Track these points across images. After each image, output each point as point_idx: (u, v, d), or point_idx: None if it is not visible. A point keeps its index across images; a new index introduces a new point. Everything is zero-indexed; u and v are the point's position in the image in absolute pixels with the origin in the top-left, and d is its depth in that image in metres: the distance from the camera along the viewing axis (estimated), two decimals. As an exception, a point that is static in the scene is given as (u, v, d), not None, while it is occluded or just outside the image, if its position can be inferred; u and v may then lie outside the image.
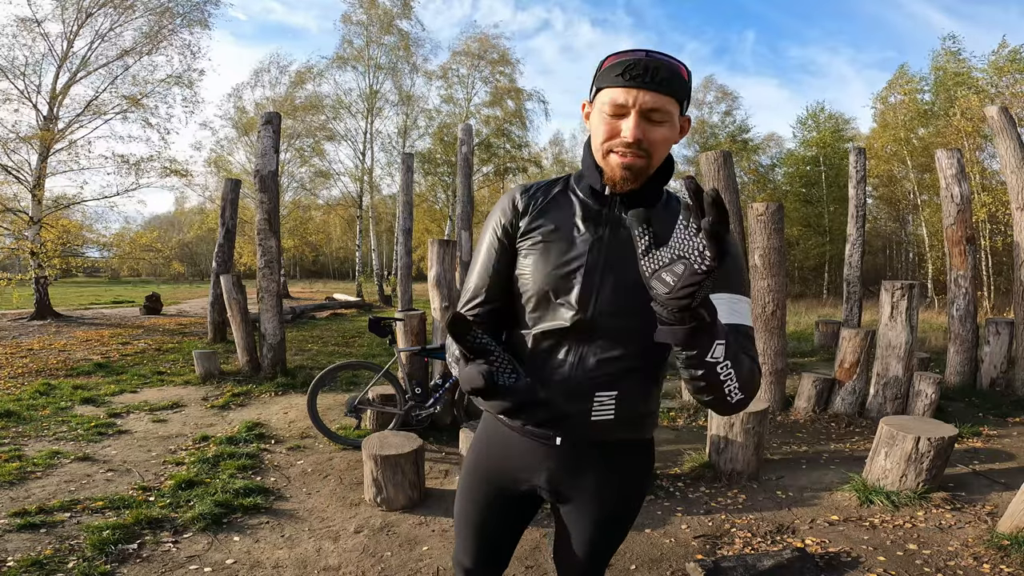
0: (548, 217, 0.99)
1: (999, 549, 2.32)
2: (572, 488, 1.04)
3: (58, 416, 4.21)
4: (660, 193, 0.99)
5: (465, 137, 7.49)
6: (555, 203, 1.00)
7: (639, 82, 0.84)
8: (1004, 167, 5.23)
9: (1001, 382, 5.13)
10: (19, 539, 2.34)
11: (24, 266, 10.62)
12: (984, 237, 14.99)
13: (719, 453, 3.18)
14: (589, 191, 0.99)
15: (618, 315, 0.93)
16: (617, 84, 0.86)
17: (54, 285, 14.72)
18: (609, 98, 0.87)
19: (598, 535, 1.08)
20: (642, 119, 0.86)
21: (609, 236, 0.95)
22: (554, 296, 0.95)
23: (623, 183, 0.92)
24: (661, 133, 0.88)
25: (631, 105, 0.85)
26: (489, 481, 1.10)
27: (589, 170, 0.97)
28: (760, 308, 4.59)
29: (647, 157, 0.89)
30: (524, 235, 1.00)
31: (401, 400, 3.66)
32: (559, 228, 0.97)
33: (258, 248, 5.64)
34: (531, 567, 2.25)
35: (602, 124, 0.89)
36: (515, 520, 1.16)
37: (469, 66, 19.66)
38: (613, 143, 0.89)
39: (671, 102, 0.87)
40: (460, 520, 1.16)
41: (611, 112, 0.88)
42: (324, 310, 12.72)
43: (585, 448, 1.01)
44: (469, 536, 1.14)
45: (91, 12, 10.27)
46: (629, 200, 0.95)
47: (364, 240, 20.10)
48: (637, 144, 0.87)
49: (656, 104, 0.85)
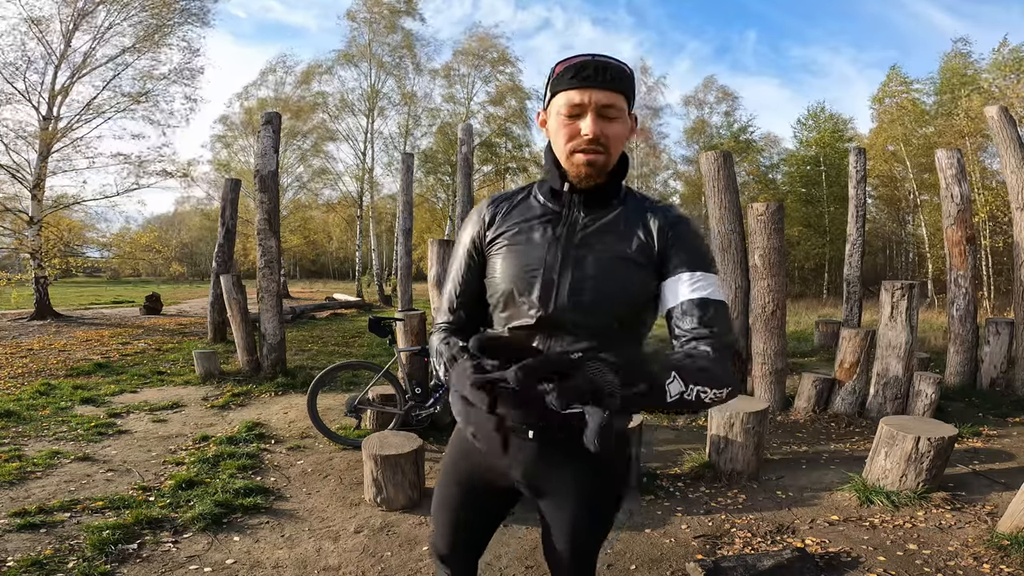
0: (512, 223, 1.05)
1: (999, 549, 2.31)
2: (548, 482, 1.07)
3: (58, 416, 4.21)
4: (619, 188, 1.04)
5: (465, 137, 7.50)
6: (518, 209, 1.07)
7: (592, 82, 0.91)
8: (1004, 167, 5.23)
9: (1001, 382, 5.13)
10: (19, 539, 2.34)
11: (24, 266, 10.62)
12: (984, 237, 14.99)
13: (719, 453, 3.18)
14: (549, 193, 1.04)
15: (578, 310, 0.97)
16: (572, 86, 0.92)
17: (54, 285, 14.71)
18: (565, 100, 0.93)
19: (579, 528, 1.10)
20: (598, 116, 0.92)
21: (566, 236, 1.00)
22: (518, 295, 1.00)
23: (587, 179, 0.97)
24: (616, 129, 0.94)
25: (587, 104, 0.91)
26: (467, 475, 1.14)
27: (550, 173, 1.02)
28: (760, 308, 4.59)
29: (606, 153, 0.95)
30: (491, 243, 1.06)
31: (401, 400, 3.66)
32: (521, 232, 1.03)
33: (258, 248, 5.64)
34: (531, 567, 2.25)
35: (562, 127, 0.95)
36: (491, 514, 1.20)
37: (470, 65, 19.68)
38: (575, 143, 0.94)
39: (621, 99, 0.93)
40: (437, 510, 1.20)
41: (568, 113, 0.93)
42: (324, 310, 12.72)
43: (559, 442, 1.04)
44: (445, 526, 1.19)
45: (87, 11, 10.27)
46: (590, 197, 1.01)
47: (364, 240, 20.10)
48: (597, 140, 0.92)
49: (609, 101, 0.92)
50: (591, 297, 0.96)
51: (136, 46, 11.02)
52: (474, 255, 1.09)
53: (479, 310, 1.10)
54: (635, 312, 1.00)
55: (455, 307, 1.11)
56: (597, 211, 1.02)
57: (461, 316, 1.11)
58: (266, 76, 18.81)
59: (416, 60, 19.06)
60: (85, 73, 10.68)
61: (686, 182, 22.66)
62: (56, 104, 10.47)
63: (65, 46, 10.32)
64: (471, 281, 1.09)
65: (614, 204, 1.03)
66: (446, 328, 1.10)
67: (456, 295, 1.10)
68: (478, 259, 1.08)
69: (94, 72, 10.79)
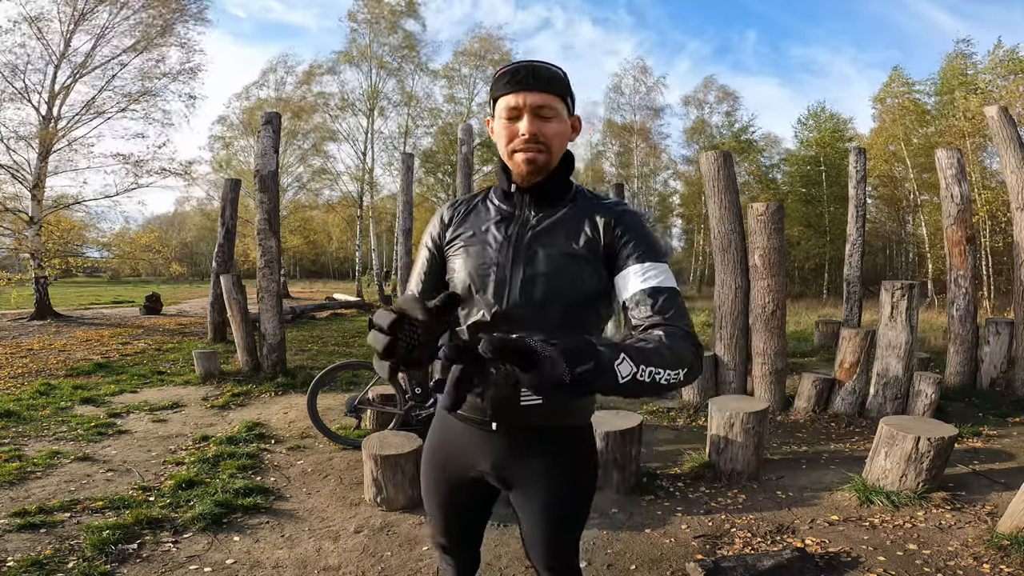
0: (468, 224, 1.11)
1: (999, 549, 2.31)
2: (515, 473, 1.11)
3: (58, 416, 4.21)
4: (568, 186, 1.09)
5: (465, 137, 7.49)
6: (475, 211, 1.13)
7: (524, 85, 0.97)
8: (1004, 167, 5.23)
9: (1001, 382, 5.13)
10: (19, 539, 2.34)
11: (24, 266, 10.62)
12: (984, 237, 14.98)
13: (719, 453, 3.18)
14: (501, 195, 1.10)
15: (530, 305, 1.01)
16: (507, 91, 0.98)
17: (54, 285, 14.70)
18: (504, 104, 0.99)
19: (550, 520, 1.12)
20: (534, 116, 0.97)
21: (517, 235, 1.05)
22: (475, 293, 1.05)
23: (529, 176, 1.03)
24: (553, 127, 0.99)
25: (522, 106, 0.97)
26: (442, 468, 1.18)
27: (500, 175, 1.09)
28: (760, 308, 4.59)
29: (547, 151, 1.00)
30: (449, 243, 1.12)
31: (401, 400, 3.66)
32: (476, 233, 1.09)
33: (258, 248, 5.64)
34: (531, 567, 2.25)
35: (503, 129, 1.00)
36: (473, 504, 1.22)
37: (471, 66, 19.69)
38: (515, 143, 1.00)
39: (556, 100, 0.99)
40: (427, 505, 1.25)
41: (507, 116, 0.99)
42: (324, 310, 12.72)
43: (522, 433, 1.08)
44: (437, 517, 1.23)
45: (88, 11, 10.27)
46: (538, 195, 1.06)
47: (364, 240, 20.10)
48: (534, 138, 0.97)
49: (543, 102, 0.97)
50: (542, 293, 1.01)
51: (136, 45, 11.02)
52: (435, 254, 1.14)
53: None
54: (586, 307, 1.04)
55: None
56: (546, 210, 1.06)
57: None
58: (267, 76, 18.83)
59: (418, 61, 19.08)
60: (85, 73, 10.69)
61: (686, 182, 22.68)
62: (56, 104, 10.47)
63: (65, 46, 10.32)
64: (432, 279, 1.14)
65: (563, 203, 1.07)
66: None
67: (419, 292, 1.15)
68: (438, 258, 1.14)
69: (94, 72, 10.80)
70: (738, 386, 4.72)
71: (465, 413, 1.10)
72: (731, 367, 4.72)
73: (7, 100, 9.94)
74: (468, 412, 1.09)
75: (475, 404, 1.07)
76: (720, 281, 4.82)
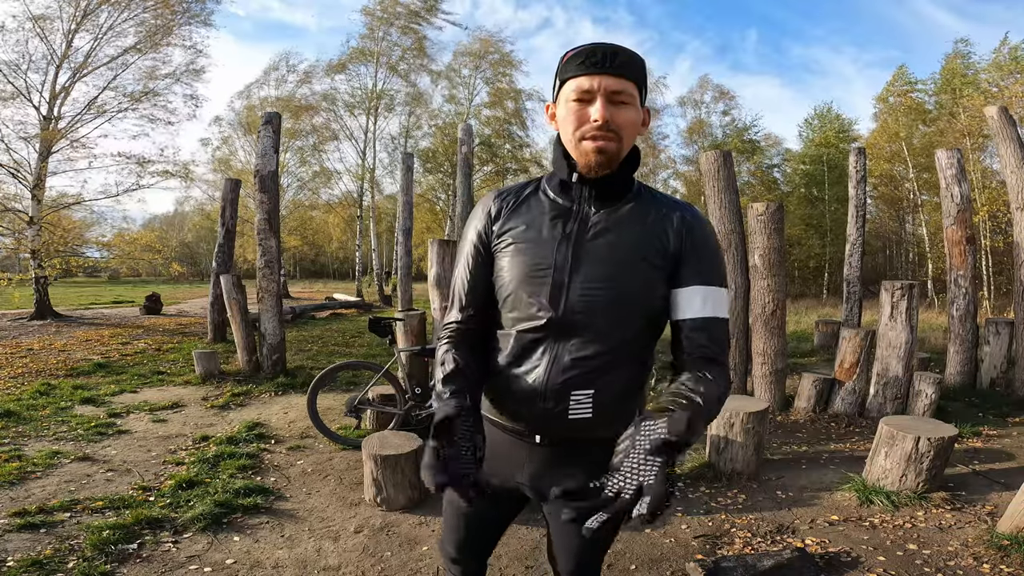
0: (519, 219, 1.01)
1: (999, 549, 2.31)
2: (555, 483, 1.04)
3: (58, 416, 4.21)
4: (631, 182, 1.00)
5: (465, 137, 7.49)
6: (526, 204, 1.02)
7: (600, 67, 0.88)
8: (1004, 167, 5.23)
9: (1001, 382, 5.13)
10: (19, 539, 2.34)
11: (24, 266, 10.62)
12: (984, 237, 14.97)
13: (719, 453, 3.18)
14: (558, 187, 1.00)
15: (589, 312, 0.94)
16: (580, 72, 0.89)
17: (54, 285, 14.72)
18: (574, 86, 0.90)
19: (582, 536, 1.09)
20: (608, 102, 0.89)
21: (577, 233, 0.96)
22: (527, 296, 0.96)
23: (598, 168, 0.93)
24: (627, 115, 0.91)
25: (596, 89, 0.89)
26: None
27: (558, 164, 0.98)
28: (760, 308, 4.59)
29: (617, 140, 0.91)
30: (498, 238, 1.02)
31: (401, 400, 3.66)
32: (529, 228, 0.99)
33: (258, 248, 5.64)
34: (531, 567, 2.25)
35: (570, 114, 0.91)
36: (499, 516, 1.18)
37: (471, 67, 19.69)
38: (584, 129, 0.90)
39: (632, 86, 0.91)
40: (447, 512, 1.20)
41: (577, 98, 0.90)
42: (324, 310, 12.72)
43: (566, 447, 1.01)
44: (454, 527, 1.18)
45: (90, 11, 10.28)
46: (600, 188, 0.96)
47: (364, 240, 20.10)
48: (606, 125, 0.89)
49: (618, 87, 0.89)
50: (604, 299, 0.93)
51: (138, 46, 11.02)
52: (481, 250, 1.04)
53: (489, 307, 1.05)
54: (648, 317, 0.97)
55: (465, 305, 1.05)
56: (609, 205, 0.97)
57: (471, 315, 1.05)
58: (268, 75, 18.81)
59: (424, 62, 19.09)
60: (87, 73, 10.69)
61: (686, 182, 22.66)
62: (57, 104, 10.47)
63: (67, 46, 10.32)
64: (479, 278, 1.04)
65: (627, 198, 0.98)
66: (456, 330, 1.05)
67: (465, 292, 1.05)
68: (485, 255, 1.03)
69: (95, 72, 10.80)
70: (738, 386, 4.71)
71: (506, 423, 1.04)
72: (731, 367, 4.71)
73: (8, 99, 9.94)
74: (510, 423, 1.03)
75: (518, 413, 1.01)
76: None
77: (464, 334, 1.05)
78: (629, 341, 0.96)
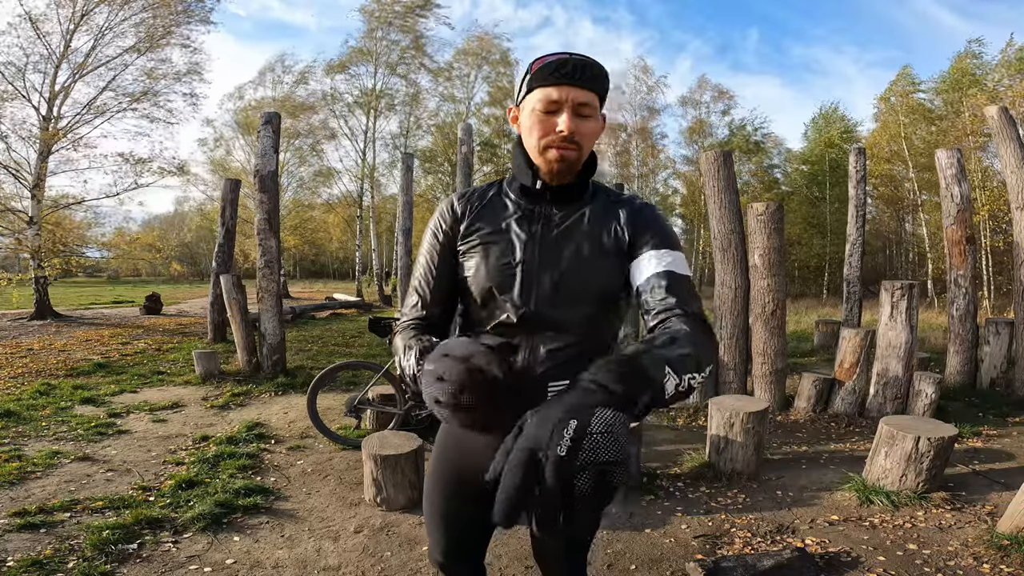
0: (485, 220, 1.04)
1: (999, 549, 2.31)
2: None
3: (58, 416, 4.21)
4: (587, 186, 1.05)
5: (465, 137, 7.49)
6: (491, 206, 1.06)
7: (570, 79, 0.91)
8: (1004, 167, 5.22)
9: (1001, 382, 5.13)
10: (19, 539, 2.34)
11: (24, 266, 10.62)
12: (985, 237, 14.97)
13: (719, 453, 3.18)
14: (520, 190, 1.04)
15: (559, 306, 0.98)
16: (550, 83, 0.92)
17: (54, 285, 14.71)
18: (542, 96, 0.93)
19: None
20: (574, 114, 0.93)
21: (542, 232, 1.01)
22: (498, 293, 1.00)
23: (559, 176, 0.98)
24: (589, 126, 0.95)
25: (563, 100, 0.92)
26: (456, 476, 1.12)
27: (520, 170, 1.02)
28: (760, 308, 4.59)
29: (578, 149, 0.95)
30: (464, 238, 1.05)
31: (401, 400, 3.66)
32: (496, 230, 1.03)
33: (258, 248, 5.64)
34: (530, 567, 2.25)
35: (536, 123, 0.95)
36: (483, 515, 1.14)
37: (470, 65, 19.68)
38: (550, 139, 0.94)
39: (595, 98, 0.95)
40: (428, 516, 1.18)
41: (544, 109, 0.93)
42: (324, 310, 12.72)
43: None
44: (438, 532, 1.17)
45: (88, 11, 10.27)
46: (561, 193, 1.01)
47: (364, 240, 20.10)
48: (571, 137, 0.93)
49: (585, 99, 0.93)
50: (573, 292, 0.98)
51: (137, 46, 11.01)
52: (447, 247, 1.06)
53: (450, 305, 1.09)
54: (613, 303, 1.02)
55: (429, 302, 1.07)
56: (568, 207, 1.03)
57: (434, 312, 1.07)
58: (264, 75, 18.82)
59: (423, 61, 19.07)
60: (86, 73, 10.68)
61: (686, 182, 22.66)
62: (56, 104, 10.47)
63: (65, 46, 10.32)
64: (444, 276, 1.06)
65: (584, 200, 1.04)
66: (418, 325, 1.04)
67: (431, 289, 1.07)
68: (450, 254, 1.06)
69: (95, 72, 10.80)
70: (738, 386, 4.71)
71: None
72: (731, 367, 4.72)
73: (7, 100, 9.94)
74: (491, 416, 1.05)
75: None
76: (720, 281, 4.82)
77: (427, 329, 1.03)
78: (598, 330, 1.01)
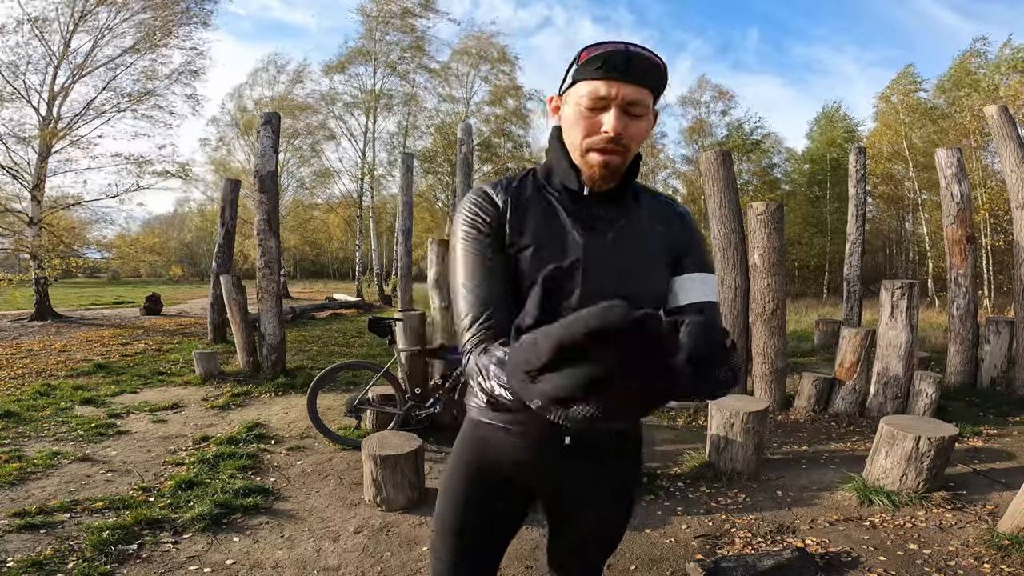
0: (532, 219, 0.92)
1: (999, 549, 2.31)
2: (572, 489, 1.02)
3: (58, 417, 4.21)
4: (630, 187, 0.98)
5: (465, 137, 7.48)
6: (534, 203, 0.94)
7: (621, 74, 0.81)
8: (1004, 166, 5.22)
9: (1001, 381, 5.12)
10: (19, 539, 2.34)
11: (24, 266, 10.62)
12: (985, 236, 14.96)
13: (719, 453, 3.18)
14: (564, 190, 0.94)
15: None
16: (597, 76, 0.82)
17: (54, 286, 14.71)
18: (588, 90, 0.83)
19: (593, 538, 1.08)
20: (623, 113, 0.84)
21: (597, 236, 0.93)
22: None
23: (602, 182, 0.89)
24: (639, 127, 0.86)
25: (612, 98, 0.82)
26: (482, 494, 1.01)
27: (562, 169, 0.92)
28: (760, 307, 4.58)
29: (624, 153, 0.87)
30: (512, 235, 0.92)
31: (401, 400, 3.66)
32: (546, 230, 0.92)
33: (258, 248, 5.64)
34: (531, 567, 2.25)
35: (580, 119, 0.86)
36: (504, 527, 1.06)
37: (469, 64, 19.68)
38: (593, 140, 0.86)
39: (649, 95, 0.85)
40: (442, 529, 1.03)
41: (589, 105, 0.84)
42: (324, 310, 12.73)
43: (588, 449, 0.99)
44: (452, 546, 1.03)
45: (88, 11, 10.27)
46: (603, 198, 0.93)
47: (364, 240, 20.10)
48: (617, 139, 0.84)
49: (636, 96, 0.83)
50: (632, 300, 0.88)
51: (137, 47, 11.01)
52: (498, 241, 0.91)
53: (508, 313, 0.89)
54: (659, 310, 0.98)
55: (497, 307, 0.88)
56: (618, 208, 0.95)
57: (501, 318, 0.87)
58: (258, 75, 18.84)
59: (423, 60, 19.08)
60: (85, 73, 10.68)
61: (686, 181, 22.65)
62: (56, 104, 10.47)
63: (65, 46, 10.32)
64: (500, 275, 0.90)
65: (630, 200, 0.97)
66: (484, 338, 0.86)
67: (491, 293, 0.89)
68: (500, 249, 0.91)
69: (94, 72, 10.80)
70: (738, 386, 4.71)
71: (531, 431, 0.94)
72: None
73: (7, 100, 9.94)
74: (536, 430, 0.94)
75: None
76: (720, 280, 4.82)
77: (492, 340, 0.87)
78: None
